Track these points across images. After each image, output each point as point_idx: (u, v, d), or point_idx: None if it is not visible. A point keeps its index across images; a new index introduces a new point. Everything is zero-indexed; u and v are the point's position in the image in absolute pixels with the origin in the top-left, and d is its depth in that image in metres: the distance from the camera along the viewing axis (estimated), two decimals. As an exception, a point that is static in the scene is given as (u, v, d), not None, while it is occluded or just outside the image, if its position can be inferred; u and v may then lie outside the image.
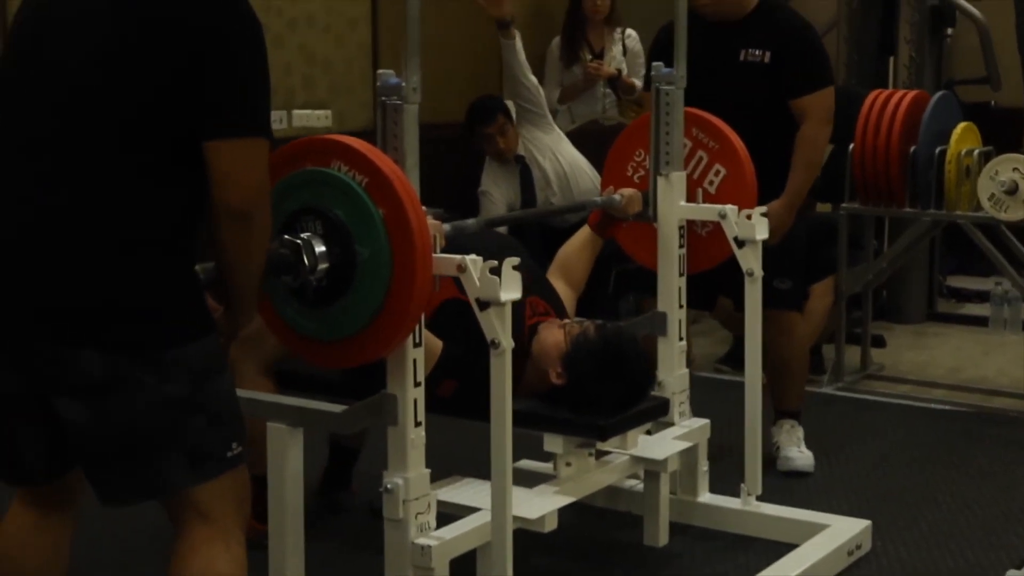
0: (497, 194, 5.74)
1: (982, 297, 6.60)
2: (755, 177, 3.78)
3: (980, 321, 6.40)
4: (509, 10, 5.68)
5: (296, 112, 5.46)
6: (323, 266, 2.61)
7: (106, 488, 2.38)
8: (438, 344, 3.08)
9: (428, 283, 2.65)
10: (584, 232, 3.74)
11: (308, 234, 2.61)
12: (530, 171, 5.76)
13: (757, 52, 4.16)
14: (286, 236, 2.60)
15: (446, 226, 2.98)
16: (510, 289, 2.71)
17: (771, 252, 4.00)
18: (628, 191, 3.69)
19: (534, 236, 5.78)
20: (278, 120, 5.33)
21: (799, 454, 4.31)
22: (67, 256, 2.25)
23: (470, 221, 3.22)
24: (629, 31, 6.44)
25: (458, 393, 3.10)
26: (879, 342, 5.95)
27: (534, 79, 5.81)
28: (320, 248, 2.60)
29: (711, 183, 3.81)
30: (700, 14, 4.07)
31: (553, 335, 3.24)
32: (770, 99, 4.13)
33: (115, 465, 2.33)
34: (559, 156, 5.79)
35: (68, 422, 2.30)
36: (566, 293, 3.62)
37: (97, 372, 2.25)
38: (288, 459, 2.77)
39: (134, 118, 2.26)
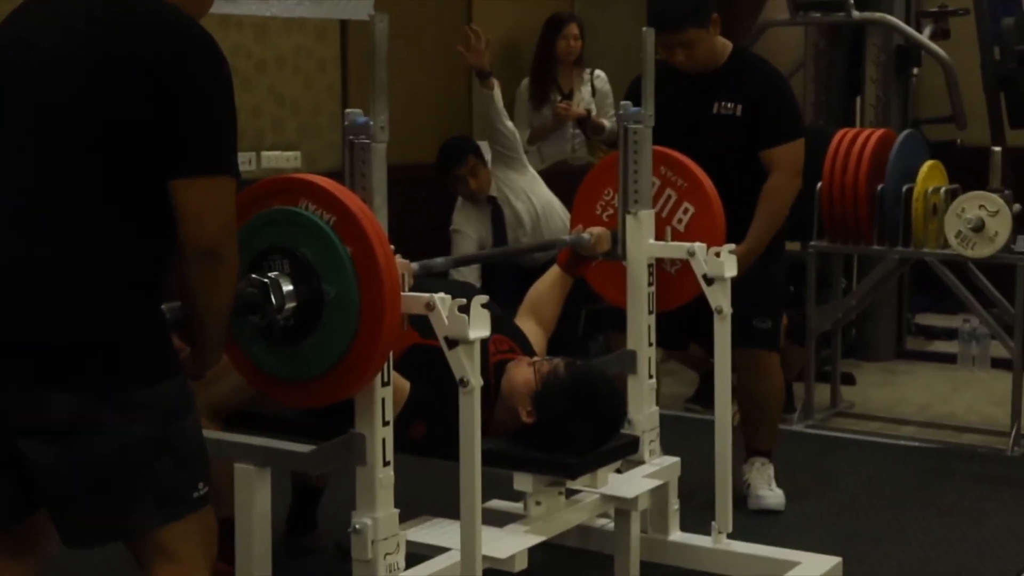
0: (470, 232, 5.74)
1: (950, 334, 6.65)
2: (723, 215, 3.80)
3: (949, 358, 6.44)
4: (488, 61, 5.71)
5: (265, 154, 5.46)
6: (290, 305, 2.59)
7: (72, 530, 2.36)
8: (406, 385, 3.07)
9: (397, 321, 2.64)
10: (553, 272, 3.74)
11: (276, 273, 2.60)
12: (502, 211, 5.77)
13: (729, 105, 4.20)
14: (253, 275, 2.59)
15: (414, 265, 2.98)
16: (479, 327, 2.71)
17: (751, 291, 4.04)
18: (597, 230, 3.69)
19: (505, 275, 5.79)
20: (247, 161, 5.32)
21: (770, 492, 4.31)
22: (34, 296, 2.24)
23: (438, 260, 3.21)
24: (598, 72, 6.48)
25: (429, 435, 3.09)
26: (849, 380, 5.97)
27: (511, 125, 5.84)
28: (288, 287, 2.59)
29: (680, 221, 3.82)
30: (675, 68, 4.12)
31: (523, 373, 3.23)
32: (742, 150, 4.17)
33: (81, 507, 2.31)
34: (532, 197, 5.80)
35: (33, 463, 2.27)
36: (537, 333, 3.62)
37: (63, 413, 2.23)
38: (256, 500, 2.74)
39: (102, 155, 2.25)
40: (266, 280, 2.58)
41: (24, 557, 2.49)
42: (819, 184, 5.17)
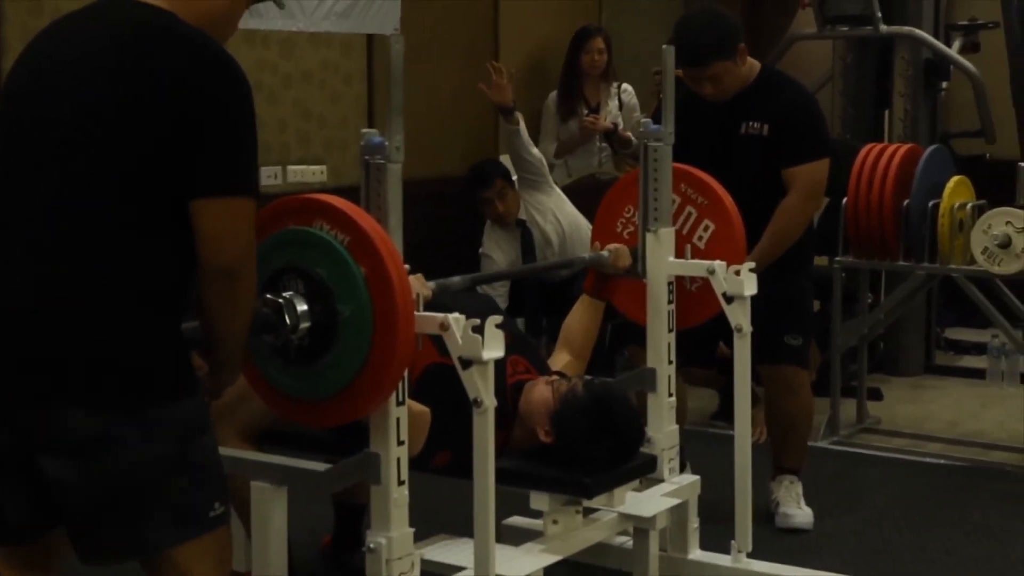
0: (499, 257, 5.75)
1: (980, 349, 6.59)
2: (744, 232, 3.79)
3: (978, 374, 6.39)
4: (510, 97, 5.73)
5: (291, 168, 5.48)
6: (305, 325, 2.60)
7: (88, 547, 2.37)
8: (426, 413, 3.04)
9: (411, 341, 2.65)
10: (583, 302, 3.75)
11: (290, 293, 2.61)
12: (531, 234, 5.78)
13: (756, 124, 4.18)
14: (268, 295, 2.60)
15: (431, 283, 2.98)
16: (493, 348, 2.71)
17: (782, 308, 4.03)
18: (615, 246, 3.70)
19: (532, 292, 5.80)
20: (272, 176, 5.35)
21: (798, 511, 4.29)
22: (58, 315, 2.26)
23: (455, 279, 3.21)
24: (625, 85, 6.49)
25: (453, 462, 3.08)
26: (876, 395, 5.94)
27: (537, 152, 5.86)
28: (302, 307, 2.60)
29: (700, 238, 3.81)
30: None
31: (540, 393, 3.24)
32: (768, 170, 4.16)
33: (98, 523, 2.32)
34: (559, 216, 5.81)
35: (52, 480, 2.29)
36: (572, 364, 3.63)
37: (82, 430, 2.25)
38: (272, 518, 2.75)
39: (132, 173, 2.27)
40: (280, 300, 2.59)
41: (41, 573, 2.51)
42: (844, 199, 5.15)
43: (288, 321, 2.59)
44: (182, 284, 2.36)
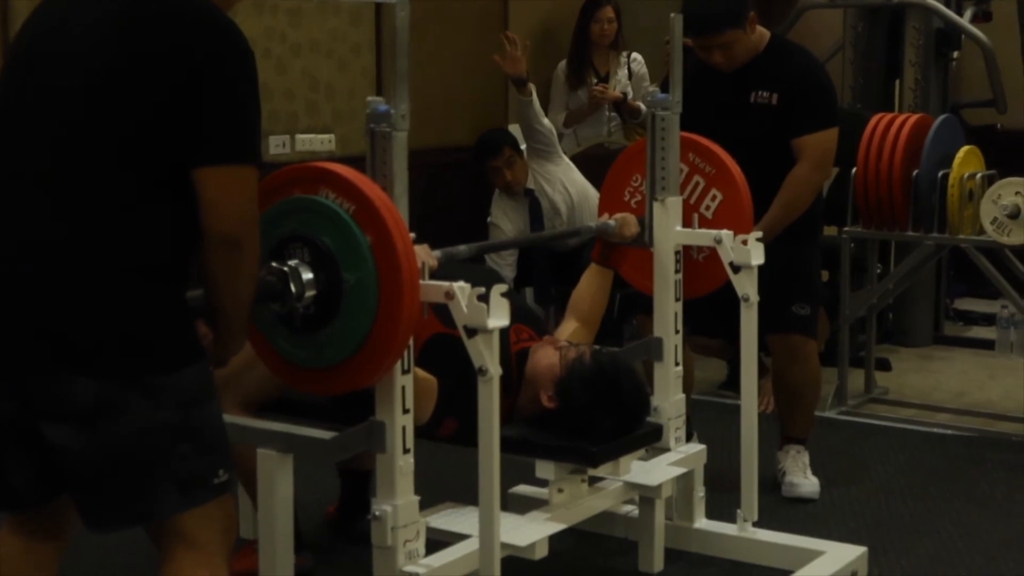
0: (507, 226, 5.74)
1: (989, 320, 6.58)
2: (751, 202, 3.78)
3: (987, 344, 6.37)
4: (524, 68, 5.71)
5: (299, 136, 5.48)
6: (310, 293, 2.61)
7: (93, 514, 2.38)
8: (434, 381, 3.04)
9: (416, 308, 2.65)
10: (590, 270, 3.75)
11: (295, 261, 2.62)
12: (539, 203, 5.77)
13: (765, 94, 4.16)
14: (273, 263, 2.60)
15: (437, 252, 2.98)
16: (498, 316, 2.72)
17: (790, 277, 4.02)
18: (621, 215, 3.69)
19: (540, 262, 5.80)
20: (281, 145, 5.35)
21: (805, 480, 4.29)
22: (61, 283, 2.26)
23: (462, 248, 3.21)
24: (635, 55, 6.46)
25: (460, 430, 3.08)
26: (884, 365, 5.93)
27: (547, 122, 5.84)
28: (307, 275, 2.61)
29: (707, 208, 3.80)
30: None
31: (548, 357, 3.24)
32: (777, 139, 4.14)
33: (103, 491, 2.34)
34: (568, 186, 5.80)
35: (58, 448, 2.30)
36: (580, 331, 3.63)
37: (88, 398, 2.25)
38: (278, 485, 2.77)
39: (131, 141, 2.27)
40: (286, 269, 2.59)
41: (48, 540, 2.53)
42: (854, 169, 5.13)
43: (294, 289, 2.60)
44: (183, 254, 2.36)
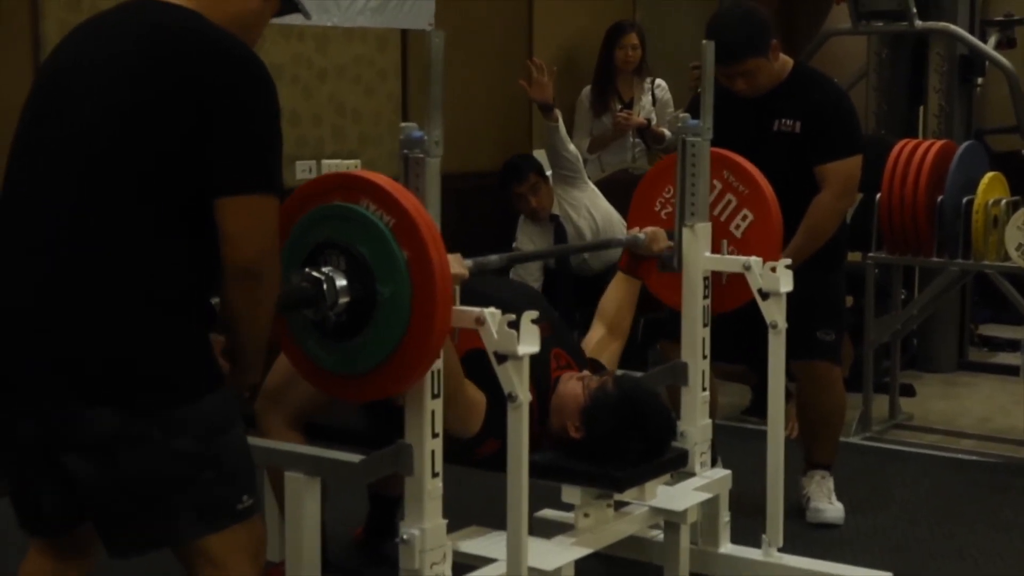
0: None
1: (1014, 346, 6.57)
2: (782, 225, 3.80)
3: (1012, 370, 6.35)
4: (552, 94, 5.74)
5: (325, 162, 5.52)
6: (343, 300, 2.62)
7: (114, 541, 2.41)
8: (482, 398, 3.06)
9: (446, 327, 2.66)
10: (617, 279, 3.76)
11: (329, 268, 2.63)
12: (564, 229, 5.80)
13: (789, 122, 4.17)
14: (308, 269, 2.62)
15: (468, 261, 2.98)
16: (528, 343, 2.73)
17: (815, 303, 4.03)
18: (652, 229, 3.70)
19: (566, 285, 5.82)
20: (307, 170, 5.39)
21: (829, 506, 4.29)
22: (81, 314, 2.28)
23: (493, 257, 3.20)
24: (659, 81, 6.49)
25: (500, 450, 3.08)
26: (908, 391, 5.93)
27: (574, 149, 5.87)
28: (341, 283, 2.62)
29: (737, 227, 3.81)
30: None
31: (571, 388, 3.25)
32: (800, 167, 4.15)
33: (123, 519, 2.36)
34: (593, 212, 5.83)
35: (77, 477, 2.32)
36: (610, 343, 3.65)
37: (107, 429, 2.28)
38: (305, 508, 2.78)
39: (151, 174, 2.30)
40: (320, 276, 2.61)
41: (75, 561, 2.55)
42: (878, 195, 5.14)
43: (327, 297, 2.61)
44: (202, 285, 2.38)
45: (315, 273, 2.61)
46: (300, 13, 2.75)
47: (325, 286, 2.61)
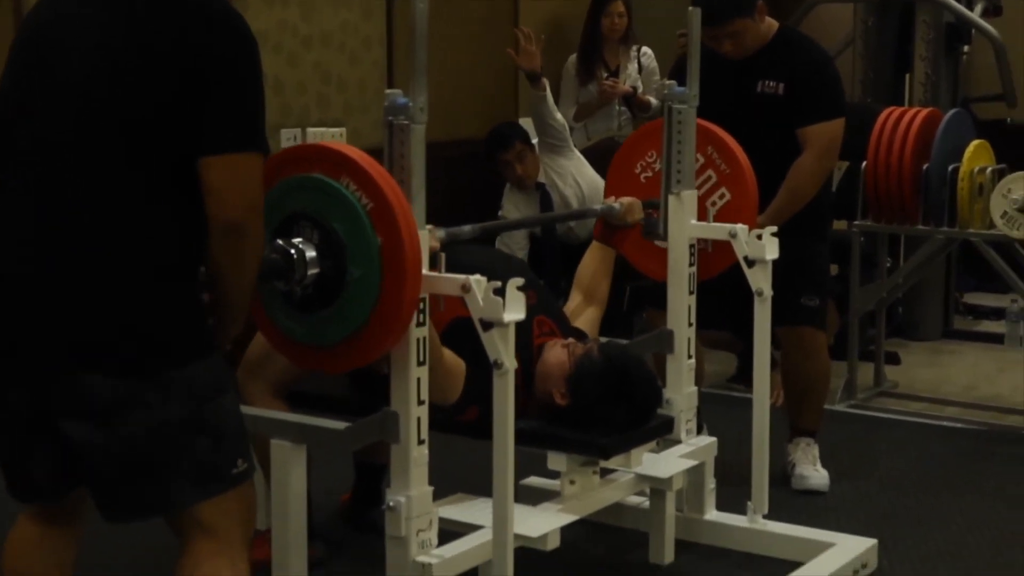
0: (517, 217, 5.76)
1: (998, 314, 6.58)
2: (756, 209, 3.81)
3: (996, 338, 6.37)
4: (539, 63, 5.72)
5: (310, 130, 5.46)
6: (313, 272, 2.64)
7: (111, 506, 2.41)
8: (461, 364, 3.07)
9: (410, 314, 2.69)
10: (592, 247, 3.76)
11: (301, 240, 2.64)
12: (550, 197, 5.79)
13: (772, 83, 4.17)
14: (279, 241, 2.63)
15: (441, 231, 2.97)
16: (514, 310, 2.73)
17: (798, 269, 4.03)
18: (627, 199, 3.69)
19: (552, 253, 5.82)
20: (292, 138, 5.31)
21: (814, 472, 4.30)
22: (74, 282, 2.28)
23: (465, 228, 3.20)
24: (645, 49, 6.47)
25: (481, 417, 3.08)
26: (894, 359, 5.94)
27: (560, 117, 5.87)
28: (311, 255, 2.63)
29: (713, 204, 3.81)
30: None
31: (556, 355, 3.25)
32: (783, 130, 4.15)
33: (120, 484, 2.36)
34: (579, 180, 5.82)
35: (75, 442, 2.32)
36: (592, 312, 3.65)
37: (103, 394, 2.28)
38: (291, 476, 2.79)
39: (138, 136, 2.29)
40: (291, 250, 2.62)
41: (65, 528, 2.56)
42: (864, 163, 5.14)
43: (296, 269, 2.62)
44: (192, 250, 2.38)
45: (286, 245, 2.62)
46: None
47: (296, 258, 2.62)
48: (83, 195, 2.29)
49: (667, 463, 3.51)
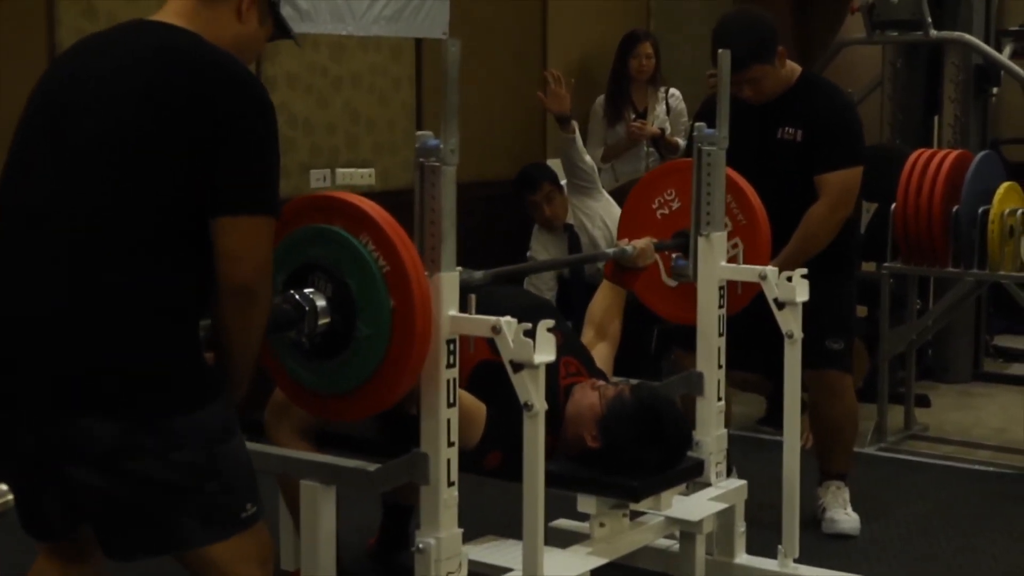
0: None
1: (1029, 357, 6.56)
2: (768, 262, 3.79)
3: (1027, 381, 6.34)
4: (568, 106, 5.74)
5: (340, 171, 5.52)
6: (323, 322, 2.65)
7: (114, 545, 2.42)
8: (482, 408, 3.07)
9: (415, 376, 2.70)
10: (604, 286, 3.75)
11: (312, 291, 2.65)
12: (578, 238, 5.79)
13: (791, 130, 4.15)
14: (292, 292, 2.64)
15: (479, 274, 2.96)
16: (544, 351, 2.72)
17: (824, 312, 4.01)
18: (640, 242, 3.68)
19: (580, 297, 5.81)
20: (321, 178, 5.39)
21: (845, 516, 4.28)
22: (81, 327, 2.29)
23: (478, 274, 3.18)
24: (672, 90, 6.48)
25: (504, 463, 3.08)
26: (924, 402, 5.91)
27: (590, 160, 5.87)
28: (322, 305, 2.64)
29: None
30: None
31: (588, 397, 3.24)
32: (802, 176, 4.13)
33: (125, 526, 2.37)
34: (607, 221, 5.82)
35: (79, 486, 2.33)
36: (603, 349, 3.63)
37: (108, 440, 2.28)
38: (321, 517, 2.79)
39: (152, 191, 2.31)
40: (304, 305, 2.63)
41: (84, 564, 2.56)
42: (893, 205, 5.13)
43: (307, 322, 2.63)
44: (200, 298, 2.39)
45: (298, 296, 2.63)
46: (291, 40, 2.74)
47: (308, 310, 2.63)
48: (92, 245, 2.30)
49: (697, 506, 3.49)
